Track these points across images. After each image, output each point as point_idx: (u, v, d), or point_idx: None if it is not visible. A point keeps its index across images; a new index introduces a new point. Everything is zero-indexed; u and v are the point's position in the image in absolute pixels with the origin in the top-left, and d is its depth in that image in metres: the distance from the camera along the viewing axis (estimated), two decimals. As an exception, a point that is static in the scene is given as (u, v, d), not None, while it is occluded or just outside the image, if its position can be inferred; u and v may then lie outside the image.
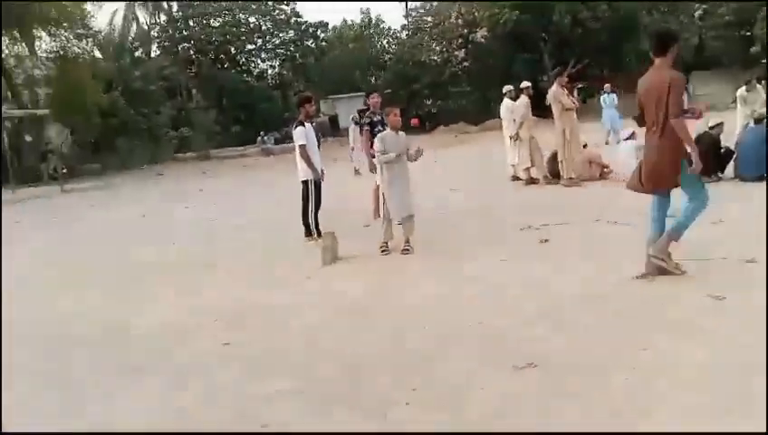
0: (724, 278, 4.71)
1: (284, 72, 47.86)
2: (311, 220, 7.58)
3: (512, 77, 19.07)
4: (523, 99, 10.96)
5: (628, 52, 36.46)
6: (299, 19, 46.63)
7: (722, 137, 9.51)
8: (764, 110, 10.52)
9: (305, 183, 7.61)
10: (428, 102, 38.60)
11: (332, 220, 7.83)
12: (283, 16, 46.52)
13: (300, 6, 46.41)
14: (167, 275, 6.80)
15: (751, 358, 3.32)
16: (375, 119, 8.30)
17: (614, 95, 18.50)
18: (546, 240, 6.49)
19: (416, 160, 6.70)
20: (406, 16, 46.45)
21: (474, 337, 4.04)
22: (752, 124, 9.87)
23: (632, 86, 5.44)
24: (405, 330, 4.31)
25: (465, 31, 42.44)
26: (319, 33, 47.67)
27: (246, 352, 4.18)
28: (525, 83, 11.33)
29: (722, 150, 9.31)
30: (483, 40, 41.79)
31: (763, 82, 13.10)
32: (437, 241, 6.96)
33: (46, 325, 5.22)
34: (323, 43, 47.97)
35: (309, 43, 47.20)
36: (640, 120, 5.13)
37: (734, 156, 9.21)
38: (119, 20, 43.41)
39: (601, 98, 19.02)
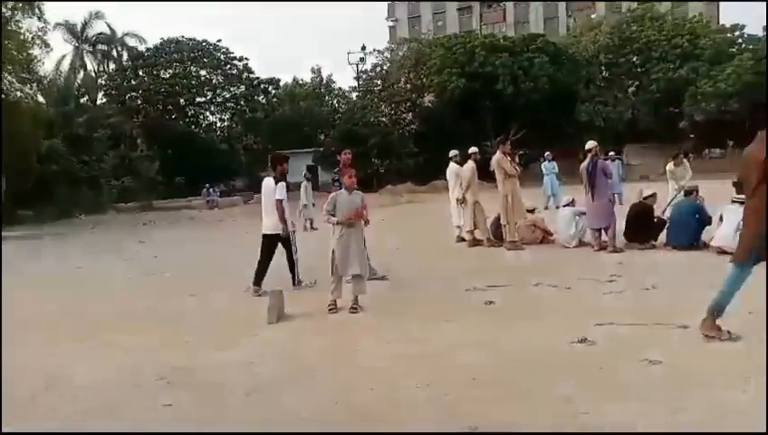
0: (659, 343, 4.89)
1: (233, 126, 47.95)
2: (297, 269, 8.02)
3: (457, 141, 19.67)
4: (470, 163, 11.33)
5: (566, 122, 38.36)
6: (250, 75, 47.14)
7: (654, 207, 10.05)
8: (692, 183, 11.20)
9: (269, 237, 7.81)
10: (376, 162, 39.23)
11: (281, 277, 7.77)
12: (234, 71, 46.98)
13: (252, 63, 46.90)
14: (103, 329, 6.55)
15: (686, 419, 3.46)
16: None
17: (554, 163, 19.30)
18: (491, 302, 6.62)
19: (356, 218, 6.68)
20: (357, 78, 47.63)
21: (421, 399, 4.05)
22: (681, 196, 10.47)
23: (569, 154, 5.77)
24: (350, 391, 4.28)
25: (414, 95, 43.83)
26: (270, 89, 48.23)
27: (188, 413, 4.05)
28: (473, 149, 11.74)
29: (655, 220, 9.82)
30: (430, 104, 43.20)
31: (690, 156, 14.03)
32: (385, 301, 6.99)
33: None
34: (274, 100, 48.50)
35: (260, 99, 47.62)
36: (739, 188, 5.09)
37: (666, 225, 9.71)
38: (65, 65, 42.89)
39: (542, 165, 19.74)
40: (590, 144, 10.18)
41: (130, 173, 35.28)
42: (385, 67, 46.18)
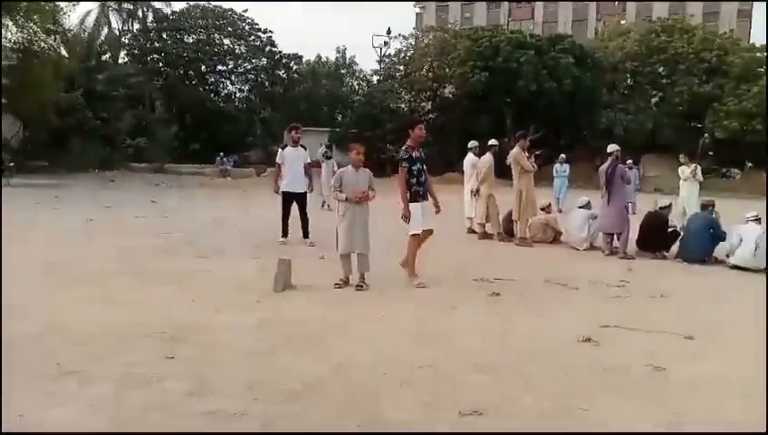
0: (664, 350, 4.86)
1: (252, 98, 47.83)
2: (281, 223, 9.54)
3: (474, 135, 19.54)
4: (488, 156, 11.24)
5: (585, 126, 38.06)
6: (273, 48, 46.93)
7: (669, 217, 9.97)
8: (709, 197, 11.09)
9: (290, 194, 9.55)
10: (391, 148, 39.10)
11: (291, 248, 7.78)
12: (258, 43, 46.77)
13: (276, 36, 46.59)
14: (110, 282, 6.58)
15: (687, 421, 3.44)
16: (414, 154, 7.16)
17: (567, 165, 19.16)
18: (497, 293, 6.59)
19: (357, 201, 6.63)
20: (379, 62, 47.34)
21: (420, 378, 4.04)
22: (698, 210, 10.37)
23: (585, 158, 5.69)
24: (349, 363, 4.28)
25: (435, 84, 43.54)
26: (292, 64, 48.03)
27: (189, 368, 4.06)
28: (493, 141, 11.65)
29: (669, 230, 9.73)
30: (450, 95, 42.93)
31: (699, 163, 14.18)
32: (391, 282, 6.97)
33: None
34: (295, 75, 48.30)
35: (280, 73, 47.45)
36: None
37: (679, 237, 9.63)
38: (90, 21, 42.91)
39: (554, 167, 19.52)
40: (612, 147, 10.08)
41: (146, 134, 35.31)
42: (408, 53, 45.85)
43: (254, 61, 46.77)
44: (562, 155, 19.85)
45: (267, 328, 5.05)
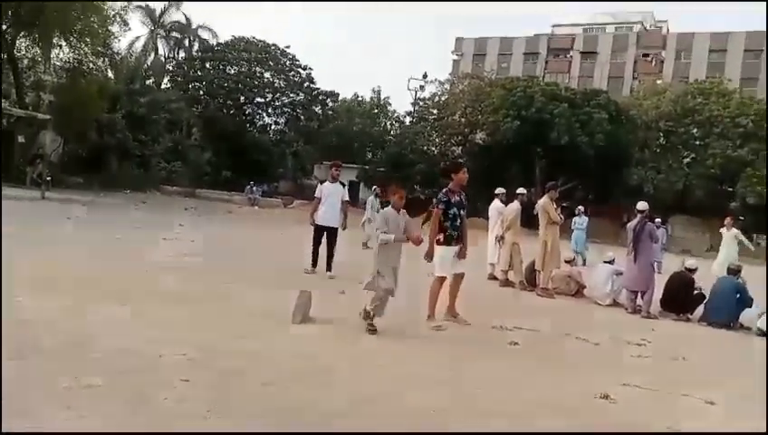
0: (683, 413, 4.76)
1: (286, 131, 48.72)
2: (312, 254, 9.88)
3: (502, 182, 19.55)
4: (516, 204, 11.27)
5: (615, 183, 37.82)
6: (312, 84, 47.94)
7: (695, 279, 9.82)
8: (737, 263, 10.91)
9: (322, 228, 9.86)
10: (418, 189, 39.31)
11: (314, 280, 7.83)
12: (297, 78, 47.83)
13: (315, 73, 47.70)
14: (134, 300, 6.69)
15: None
16: (454, 199, 7.20)
17: (585, 218, 18.98)
18: (516, 343, 6.54)
19: (417, 244, 6.58)
20: (413, 104, 48.02)
21: (429, 425, 4.01)
22: (725, 274, 10.21)
23: (613, 215, 5.67)
24: (363, 400, 4.27)
25: (467, 130, 43.92)
26: (328, 101, 48.95)
27: (203, 392, 4.10)
28: (521, 190, 11.68)
29: (695, 292, 9.58)
30: (481, 141, 43.20)
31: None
32: (410, 322, 6.96)
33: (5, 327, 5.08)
34: (330, 112, 49.17)
35: (316, 109, 48.34)
36: None
37: (705, 300, 9.46)
38: (139, 46, 44.50)
39: (573, 220, 18.95)
40: (642, 205, 10.05)
41: (181, 159, 36.15)
42: (443, 98, 46.48)
43: (291, 95, 47.81)
44: (580, 207, 19.64)
45: (284, 358, 5.08)
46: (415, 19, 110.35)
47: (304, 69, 47.41)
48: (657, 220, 20.47)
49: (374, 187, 19.09)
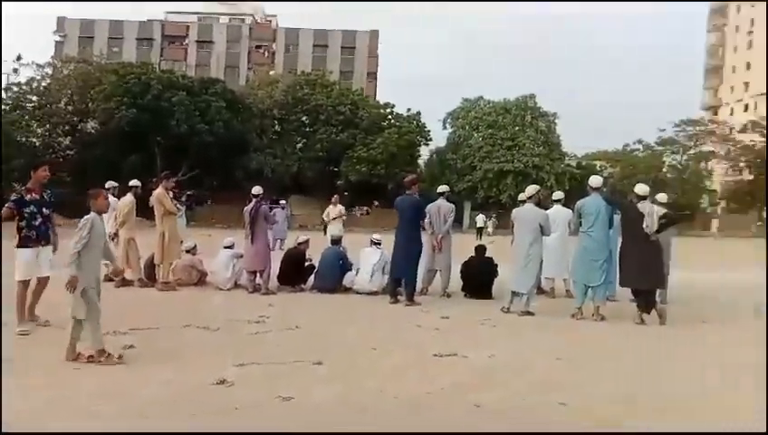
0: (294, 380, 5.08)
1: None
2: None
3: (121, 173, 18.25)
4: (129, 197, 10.55)
5: (236, 168, 39.25)
6: None
7: (307, 252, 10.72)
8: (339, 234, 12.32)
9: None
10: (18, 187, 34.10)
11: None
12: None
13: None
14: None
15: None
16: (30, 197, 6.88)
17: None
18: (131, 346, 6.10)
19: None
20: (5, 89, 41.22)
21: None
22: (328, 245, 11.38)
23: (237, 200, 5.76)
24: None
25: (75, 119, 39.97)
26: None
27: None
28: (134, 182, 10.96)
29: (306, 265, 10.48)
30: (93, 131, 39.87)
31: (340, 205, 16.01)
32: None
33: None
34: None
35: None
36: None
37: (315, 270, 10.42)
38: None
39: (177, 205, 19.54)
40: (256, 190, 10.47)
41: None
42: (43, 83, 41.07)
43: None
44: (282, 201, 20.36)
45: None
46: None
47: None
48: (283, 202, 22.04)
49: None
